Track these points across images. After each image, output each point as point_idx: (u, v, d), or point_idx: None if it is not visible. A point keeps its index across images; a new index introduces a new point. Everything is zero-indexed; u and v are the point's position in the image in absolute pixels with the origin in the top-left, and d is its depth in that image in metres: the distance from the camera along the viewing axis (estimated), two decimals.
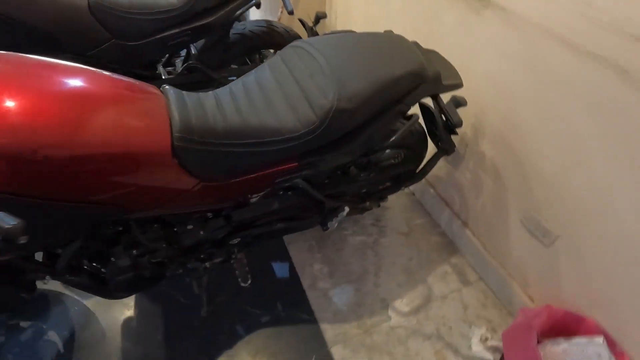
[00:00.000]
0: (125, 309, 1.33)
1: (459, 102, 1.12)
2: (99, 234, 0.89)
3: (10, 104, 0.61)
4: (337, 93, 0.84)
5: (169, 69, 1.72)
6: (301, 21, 1.83)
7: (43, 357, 1.17)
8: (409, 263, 1.55)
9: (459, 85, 1.08)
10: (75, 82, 0.71)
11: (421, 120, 1.28)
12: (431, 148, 1.33)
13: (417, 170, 1.35)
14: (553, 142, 1.05)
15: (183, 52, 1.73)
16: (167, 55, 1.65)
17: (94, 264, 0.96)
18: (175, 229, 1.01)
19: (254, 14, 2.65)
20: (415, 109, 1.14)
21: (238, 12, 1.46)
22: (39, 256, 0.89)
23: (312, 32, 1.78)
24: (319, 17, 1.74)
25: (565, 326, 1.10)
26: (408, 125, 1.08)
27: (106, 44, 1.33)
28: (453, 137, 1.23)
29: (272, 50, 1.88)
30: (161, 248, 0.99)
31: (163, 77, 1.61)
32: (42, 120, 0.62)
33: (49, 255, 0.88)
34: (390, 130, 1.11)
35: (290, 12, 1.61)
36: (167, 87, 0.86)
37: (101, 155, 0.68)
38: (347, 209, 1.23)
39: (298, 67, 0.93)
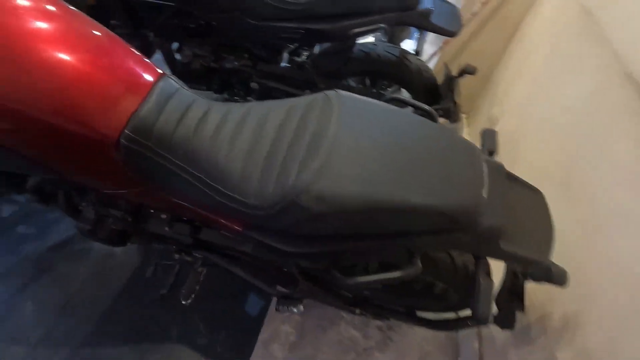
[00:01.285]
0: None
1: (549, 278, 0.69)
2: None
3: None
4: (307, 184, 0.58)
5: (296, 58, 1.68)
6: (445, 65, 1.51)
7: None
8: None
9: (536, 262, 0.65)
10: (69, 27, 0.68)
11: None
12: None
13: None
14: None
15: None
16: (295, 45, 1.61)
17: (69, 199, 1.00)
18: (141, 210, 0.96)
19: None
20: None
21: (357, 30, 1.26)
22: None
23: (447, 83, 1.46)
24: (466, 71, 1.41)
25: None
26: (382, 278, 0.71)
27: (228, 13, 1.34)
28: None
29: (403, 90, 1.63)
30: (127, 222, 0.96)
31: (280, 64, 1.58)
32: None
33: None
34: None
35: (452, 34, 1.33)
36: (166, 76, 0.76)
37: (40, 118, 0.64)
38: (301, 307, 0.97)
39: (308, 121, 0.70)
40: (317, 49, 1.55)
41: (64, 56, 0.64)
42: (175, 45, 1.64)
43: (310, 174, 0.60)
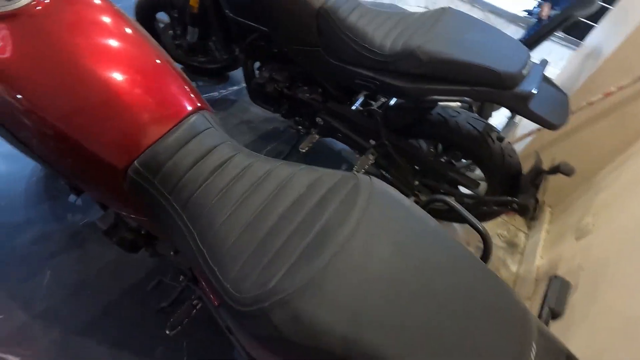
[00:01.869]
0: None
1: None
2: None
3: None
4: (286, 295, 0.46)
5: (369, 103, 1.60)
6: (536, 154, 1.29)
7: None
8: None
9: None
10: (112, 39, 0.66)
11: None
12: None
13: None
14: None
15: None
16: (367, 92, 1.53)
17: None
18: None
19: None
20: None
21: (438, 98, 1.12)
22: None
23: (533, 175, 1.23)
24: (560, 170, 1.17)
25: None
26: None
27: (311, 47, 1.30)
28: None
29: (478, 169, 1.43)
30: (139, 235, 0.95)
31: (352, 107, 1.51)
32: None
33: None
34: None
35: (553, 127, 1.07)
36: (202, 111, 0.71)
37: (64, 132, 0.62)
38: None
39: (326, 206, 0.58)
40: (393, 100, 1.43)
41: (102, 73, 0.63)
42: (257, 64, 1.67)
43: (294, 283, 0.48)
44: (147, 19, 1.86)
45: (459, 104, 1.44)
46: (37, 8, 0.61)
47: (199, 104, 0.73)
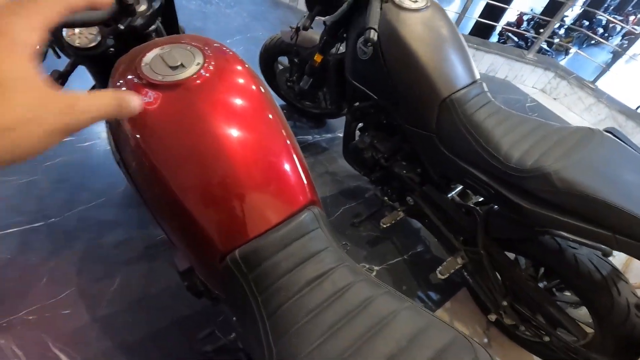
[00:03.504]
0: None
1: None
2: None
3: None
4: None
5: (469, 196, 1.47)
6: None
7: None
8: None
9: None
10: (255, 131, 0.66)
11: None
12: None
13: None
14: None
15: None
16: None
17: None
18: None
19: None
20: None
21: (564, 234, 0.95)
22: None
23: None
24: None
25: None
26: None
27: (426, 132, 1.23)
28: None
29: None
30: (205, 289, 0.94)
31: (447, 196, 1.39)
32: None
33: None
34: None
35: None
36: (314, 209, 0.67)
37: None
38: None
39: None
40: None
41: (231, 154, 0.62)
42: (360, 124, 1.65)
43: None
44: (270, 60, 1.98)
45: None
46: (197, 82, 0.63)
47: (311, 198, 0.70)
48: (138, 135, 0.62)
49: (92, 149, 1.76)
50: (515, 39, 7.56)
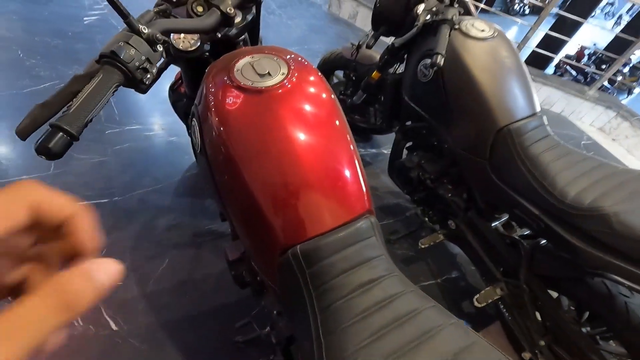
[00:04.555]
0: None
1: None
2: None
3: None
4: None
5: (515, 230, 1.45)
6: None
7: None
8: None
9: None
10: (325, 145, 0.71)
11: None
12: None
13: None
14: None
15: None
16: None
17: None
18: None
19: None
20: None
21: (619, 280, 0.91)
22: None
23: None
24: None
25: None
26: None
27: (478, 158, 1.23)
28: None
29: None
30: (252, 279, 1.00)
31: (491, 224, 1.38)
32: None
33: None
34: None
35: None
36: (370, 217, 0.71)
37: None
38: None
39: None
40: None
41: (303, 156, 0.67)
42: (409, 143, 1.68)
43: None
44: (327, 73, 2.06)
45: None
46: (279, 91, 0.70)
47: (369, 207, 0.74)
48: (222, 129, 0.69)
49: (155, 138, 1.92)
50: (574, 72, 7.23)
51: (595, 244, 0.95)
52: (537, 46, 4.28)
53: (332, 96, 0.77)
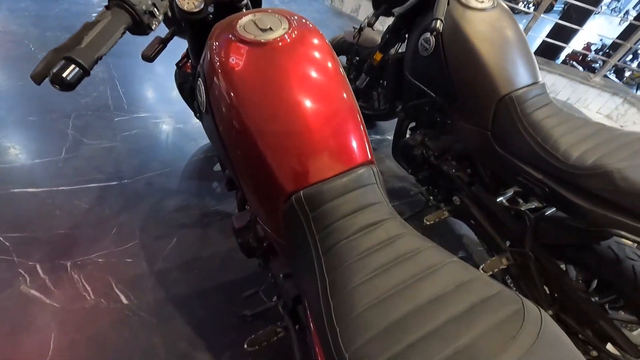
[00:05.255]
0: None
1: None
2: None
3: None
4: None
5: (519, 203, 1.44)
6: None
7: None
8: None
9: None
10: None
11: None
12: None
13: None
14: None
15: None
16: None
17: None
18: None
19: None
20: None
21: (624, 233, 0.91)
22: None
23: None
24: None
25: None
26: None
27: (480, 129, 1.24)
28: None
29: None
30: (259, 246, 1.01)
31: (496, 199, 1.38)
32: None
33: None
34: None
35: None
36: (372, 166, 0.72)
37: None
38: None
39: (474, 325, 0.50)
40: (550, 209, 1.25)
41: (305, 106, 0.69)
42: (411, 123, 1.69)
43: None
44: None
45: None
46: (279, 44, 0.72)
47: (370, 158, 0.75)
48: (227, 82, 0.71)
49: (162, 125, 1.96)
50: (580, 68, 7.17)
51: (600, 202, 0.95)
52: (547, 37, 4.25)
53: (333, 54, 0.79)
